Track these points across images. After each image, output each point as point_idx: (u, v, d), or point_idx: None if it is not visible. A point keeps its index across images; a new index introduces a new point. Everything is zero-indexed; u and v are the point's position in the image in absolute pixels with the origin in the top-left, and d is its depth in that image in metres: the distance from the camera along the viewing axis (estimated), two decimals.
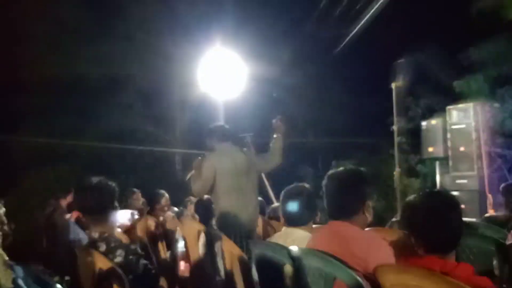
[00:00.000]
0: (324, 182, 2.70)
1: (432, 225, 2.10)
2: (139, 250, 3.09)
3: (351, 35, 11.42)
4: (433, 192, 2.27)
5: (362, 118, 20.26)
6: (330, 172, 2.73)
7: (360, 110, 20.44)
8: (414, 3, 15.88)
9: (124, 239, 3.22)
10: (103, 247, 2.98)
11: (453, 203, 2.16)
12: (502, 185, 5.34)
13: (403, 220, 2.24)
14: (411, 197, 2.23)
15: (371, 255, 2.33)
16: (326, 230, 2.69)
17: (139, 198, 6.89)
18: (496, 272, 2.69)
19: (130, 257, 2.99)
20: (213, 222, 5.14)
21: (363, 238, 2.48)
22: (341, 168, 2.74)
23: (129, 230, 3.32)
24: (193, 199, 7.01)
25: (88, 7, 19.69)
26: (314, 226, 3.19)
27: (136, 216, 3.29)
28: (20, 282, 1.95)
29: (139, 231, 3.19)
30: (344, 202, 2.61)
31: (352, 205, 2.59)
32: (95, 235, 3.02)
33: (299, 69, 20.03)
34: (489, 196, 7.76)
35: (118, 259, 2.95)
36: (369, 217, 2.64)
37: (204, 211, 5.11)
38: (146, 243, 3.15)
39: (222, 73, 9.85)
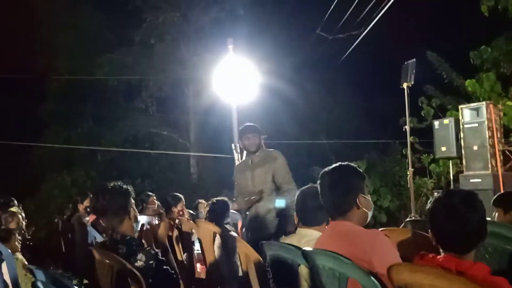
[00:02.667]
0: (318, 182, 2.68)
1: (450, 225, 2.09)
2: (159, 255, 3.10)
3: (361, 37, 11.41)
4: (455, 191, 2.22)
5: (374, 118, 20.23)
6: (321, 172, 2.69)
7: (372, 111, 20.41)
8: (424, 3, 15.84)
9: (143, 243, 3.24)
10: (123, 249, 2.98)
11: (474, 203, 2.12)
12: None
13: (427, 217, 2.21)
14: (435, 195, 2.21)
15: (375, 255, 2.32)
16: (328, 231, 2.67)
17: (154, 202, 6.99)
18: None
19: (151, 261, 2.98)
20: (226, 222, 5.19)
21: (365, 239, 2.42)
22: (329, 167, 2.68)
23: (147, 235, 3.34)
24: (204, 201, 7.09)
25: (105, 15, 19.95)
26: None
27: (156, 222, 3.30)
28: (40, 285, 1.99)
29: (160, 235, 3.19)
30: (334, 200, 2.58)
31: (342, 202, 2.56)
32: (117, 236, 3.04)
33: (311, 72, 20.04)
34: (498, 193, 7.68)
35: (139, 263, 2.95)
36: (369, 211, 2.59)
37: (220, 212, 5.15)
38: (167, 247, 3.15)
39: (235, 79, 9.91)
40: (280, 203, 3.07)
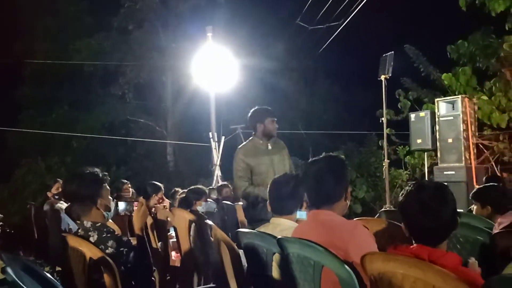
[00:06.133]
0: (303, 170, 2.70)
1: (423, 219, 2.07)
2: (131, 242, 3.07)
3: (340, 28, 11.44)
4: (425, 184, 2.18)
5: (351, 110, 20.35)
6: (310, 160, 2.71)
7: (349, 103, 20.53)
8: None
9: (117, 230, 3.20)
10: (94, 237, 2.96)
11: (445, 196, 2.11)
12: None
13: (398, 210, 2.21)
14: (406, 187, 2.20)
15: (352, 245, 2.34)
16: (310, 219, 2.69)
17: (128, 189, 6.93)
18: None
19: (121, 248, 2.97)
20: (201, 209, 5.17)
21: (344, 228, 2.45)
22: (320, 156, 2.71)
23: (123, 222, 3.31)
24: (181, 190, 7.05)
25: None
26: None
27: (135, 208, 3.25)
28: (10, 272, 1.95)
29: (137, 223, 3.15)
30: (326, 190, 2.59)
31: (334, 192, 2.59)
32: (87, 224, 3.00)
33: (290, 62, 20.04)
34: (477, 187, 7.79)
35: (110, 250, 2.93)
36: (348, 202, 2.66)
37: (190, 199, 5.14)
38: (143, 234, 3.12)
39: (214, 67, 9.86)
40: (302, 215, 3.06)
